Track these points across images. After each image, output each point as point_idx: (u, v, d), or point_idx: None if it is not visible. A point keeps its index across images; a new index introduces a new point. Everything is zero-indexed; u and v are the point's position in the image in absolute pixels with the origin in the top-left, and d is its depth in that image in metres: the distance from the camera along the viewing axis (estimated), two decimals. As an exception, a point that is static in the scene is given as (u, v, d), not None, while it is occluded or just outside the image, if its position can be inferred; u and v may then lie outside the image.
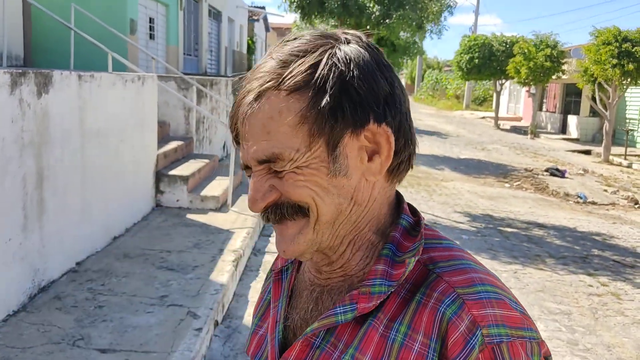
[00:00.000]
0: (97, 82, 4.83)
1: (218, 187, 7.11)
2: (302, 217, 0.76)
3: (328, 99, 0.72)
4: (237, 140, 0.79)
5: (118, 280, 4.35)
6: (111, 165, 5.28)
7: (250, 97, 0.74)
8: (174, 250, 5.16)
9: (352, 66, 0.74)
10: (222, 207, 6.74)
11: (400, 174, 0.81)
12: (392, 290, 0.75)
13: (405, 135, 0.78)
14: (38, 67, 8.61)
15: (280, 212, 0.76)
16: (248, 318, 4.32)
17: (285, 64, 0.74)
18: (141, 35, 12.70)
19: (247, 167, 0.79)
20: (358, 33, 0.80)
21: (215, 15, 19.85)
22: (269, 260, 5.68)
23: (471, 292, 0.72)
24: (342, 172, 0.75)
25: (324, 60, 0.74)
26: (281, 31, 41.70)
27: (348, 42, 0.77)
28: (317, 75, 0.73)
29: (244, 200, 7.26)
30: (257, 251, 5.92)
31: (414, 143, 0.80)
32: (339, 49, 0.75)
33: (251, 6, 27.99)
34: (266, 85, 0.73)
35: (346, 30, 0.81)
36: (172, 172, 6.80)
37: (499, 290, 0.74)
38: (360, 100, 0.74)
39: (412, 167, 0.82)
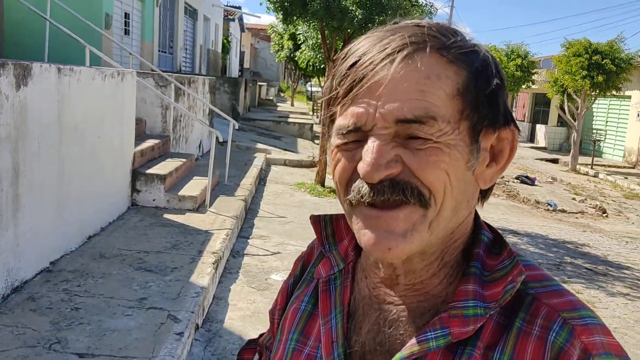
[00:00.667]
0: (77, 76, 4.69)
1: (196, 186, 7.00)
2: (419, 206, 0.65)
3: (494, 84, 0.67)
4: (340, 98, 0.67)
5: (95, 281, 4.22)
6: (88, 162, 5.14)
7: (405, 54, 0.64)
8: (152, 251, 5.04)
9: (499, 64, 0.70)
10: (200, 208, 6.63)
11: (488, 194, 0.74)
12: (491, 312, 0.67)
13: None
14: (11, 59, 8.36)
15: (399, 190, 0.64)
16: (229, 322, 4.24)
17: (442, 31, 0.67)
18: (116, 30, 12.47)
19: (353, 131, 0.66)
20: None
21: (191, 13, 19.63)
22: (248, 262, 5.60)
23: (576, 316, 0.66)
24: (473, 168, 0.67)
25: (483, 48, 0.69)
26: (256, 32, 41.53)
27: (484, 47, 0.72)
28: (480, 57, 0.68)
29: (222, 200, 7.16)
30: (236, 253, 5.84)
31: None
32: (481, 45, 0.70)
33: (227, 5, 27.79)
34: (430, 44, 0.65)
35: None
36: (149, 171, 6.66)
37: (596, 315, 0.68)
38: (506, 100, 0.70)
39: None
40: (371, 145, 0.64)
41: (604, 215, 11.32)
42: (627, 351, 0.63)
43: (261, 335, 1.06)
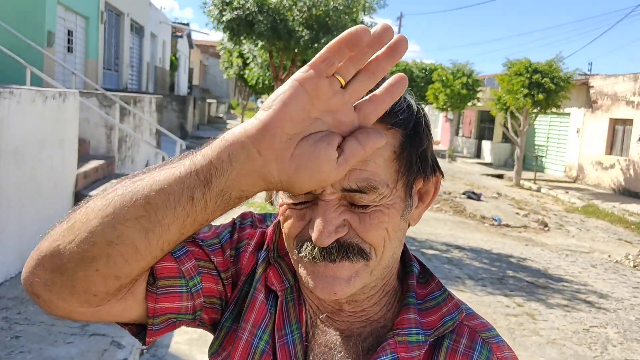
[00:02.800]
0: (17, 99, 4.59)
1: (141, 208, 6.89)
2: (361, 259, 0.72)
3: (421, 143, 0.73)
4: None
5: (35, 309, 4.10)
6: (27, 185, 5.01)
7: None
8: (95, 275, 4.94)
9: (427, 118, 0.75)
10: (145, 230, 6.53)
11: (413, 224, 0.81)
12: (430, 340, 0.76)
13: None
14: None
15: (344, 252, 0.70)
16: (175, 346, 4.19)
17: None
18: (59, 48, 12.22)
19: (304, 194, 0.70)
20: None
21: (138, 30, 19.42)
22: (195, 284, 5.55)
23: (491, 336, 0.79)
24: (406, 215, 0.74)
25: (415, 105, 0.73)
26: (205, 48, 41.34)
27: (410, 95, 0.76)
28: (414, 117, 0.72)
29: (168, 222, 7.07)
30: (183, 275, 5.78)
31: None
32: (413, 98, 0.75)
33: (175, 22, 27.60)
34: None
35: None
36: (93, 193, 6.51)
37: (499, 334, 0.82)
38: (432, 150, 0.77)
39: None
40: (321, 212, 0.69)
41: (546, 229, 11.73)
42: None
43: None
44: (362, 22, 9.41)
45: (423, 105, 0.77)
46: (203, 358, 4.03)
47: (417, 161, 0.73)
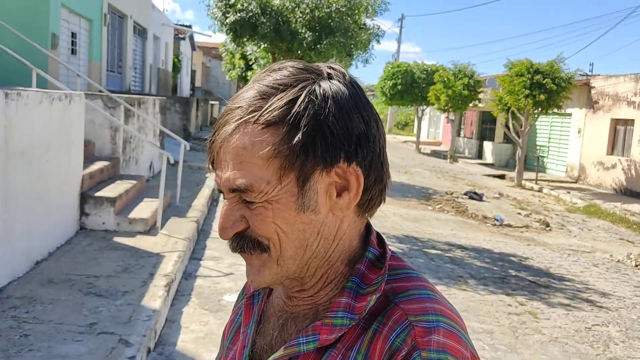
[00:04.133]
0: (24, 100, 4.65)
1: (146, 209, 6.96)
2: (261, 252, 0.79)
3: (300, 136, 0.74)
4: (212, 165, 0.80)
5: (43, 307, 4.16)
6: (34, 186, 5.07)
7: (229, 126, 0.76)
8: (102, 275, 5.00)
9: (329, 104, 0.75)
10: (151, 230, 6.60)
11: (372, 209, 0.84)
12: (354, 324, 0.78)
13: (377, 172, 0.80)
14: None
15: (241, 245, 0.79)
16: (182, 344, 4.25)
17: (265, 96, 0.76)
18: (63, 50, 12.29)
19: (221, 191, 0.80)
20: (342, 69, 0.81)
21: (140, 32, 19.50)
22: (200, 284, 5.60)
23: (423, 320, 0.75)
24: (310, 208, 0.77)
25: (302, 96, 0.75)
26: (207, 50, 41.41)
27: (330, 78, 0.78)
28: (293, 111, 0.74)
29: (173, 222, 7.13)
30: (188, 275, 5.83)
31: (386, 179, 0.82)
32: (319, 85, 0.76)
33: (177, 24, 27.68)
34: (245, 118, 0.75)
35: (332, 65, 0.82)
36: (98, 194, 6.59)
37: (453, 323, 0.76)
38: (332, 139, 0.75)
39: (384, 201, 0.84)
40: (223, 209, 0.80)
41: (548, 229, 11.76)
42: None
43: None
44: (364, 24, 9.46)
45: (329, 95, 0.76)
46: (209, 356, 4.09)
47: (299, 154, 0.75)
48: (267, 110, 0.74)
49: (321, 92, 0.76)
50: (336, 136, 0.75)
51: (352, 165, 0.77)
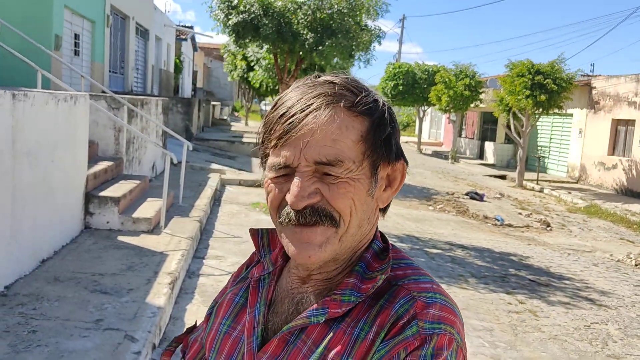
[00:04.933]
0: (31, 101, 4.72)
1: (150, 208, 7.03)
2: (332, 226, 0.86)
3: (387, 130, 0.89)
4: (273, 141, 0.87)
5: (50, 304, 4.23)
6: (40, 186, 5.14)
7: (322, 108, 0.85)
8: (107, 273, 5.07)
9: (393, 112, 0.92)
10: (154, 229, 6.67)
11: (386, 210, 0.96)
12: (360, 301, 0.88)
13: None
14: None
15: (317, 215, 0.85)
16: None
17: (351, 91, 0.88)
18: (66, 51, 12.37)
19: (283, 167, 0.86)
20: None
21: (143, 33, 19.58)
22: (203, 282, 5.67)
23: (423, 295, 0.86)
24: (372, 194, 0.89)
25: (380, 99, 0.90)
26: (209, 51, 41.53)
27: (380, 95, 0.93)
28: (379, 108, 0.89)
29: (176, 222, 7.21)
30: (192, 274, 5.90)
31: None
32: (380, 97, 0.91)
33: (179, 25, 27.77)
34: (337, 104, 0.85)
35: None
36: (103, 193, 6.67)
37: (448, 300, 0.87)
38: (398, 139, 0.92)
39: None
40: (297, 181, 0.84)
41: (548, 228, 11.82)
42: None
43: (191, 328, 1.18)
44: (365, 26, 9.53)
45: (389, 104, 0.92)
46: (213, 352, 4.16)
47: (381, 146, 0.88)
48: (362, 102, 0.87)
49: (386, 101, 0.92)
50: (399, 138, 0.93)
51: (404, 166, 0.94)
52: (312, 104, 0.86)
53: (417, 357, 0.80)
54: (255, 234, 1.06)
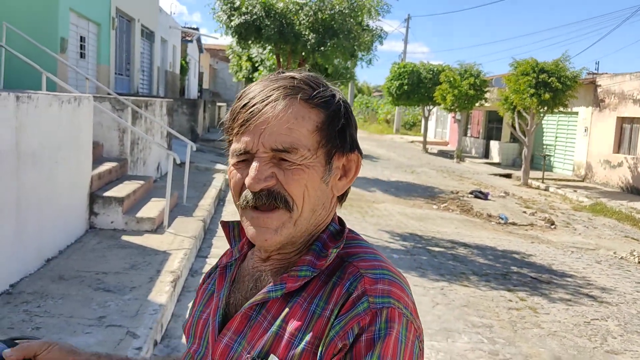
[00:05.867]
0: (35, 103, 4.81)
1: (154, 208, 7.12)
2: (286, 210, 0.93)
3: (340, 123, 0.96)
4: (236, 129, 0.94)
5: (54, 302, 4.32)
6: (45, 186, 5.24)
7: (281, 99, 0.92)
8: (110, 272, 5.15)
9: (349, 106, 1.00)
10: (158, 229, 6.75)
11: (344, 198, 1.05)
12: (315, 275, 0.95)
13: None
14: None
15: (273, 198, 0.92)
16: (187, 337, 4.38)
17: (309, 84, 0.96)
18: (71, 54, 12.49)
19: (244, 153, 0.93)
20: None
21: (148, 35, 19.71)
22: (206, 280, 5.74)
23: (371, 272, 0.93)
24: (327, 181, 0.97)
25: (338, 94, 0.99)
26: (215, 52, 41.66)
27: (339, 91, 1.01)
28: (335, 102, 0.97)
29: (180, 221, 7.29)
30: (194, 272, 5.98)
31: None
32: (339, 92, 1.00)
33: (184, 27, 27.91)
34: (295, 95, 0.93)
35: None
36: (107, 194, 6.75)
37: (395, 276, 0.94)
38: (353, 132, 1.00)
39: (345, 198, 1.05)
40: (254, 164, 0.92)
41: (552, 227, 11.82)
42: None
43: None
44: (367, 26, 9.58)
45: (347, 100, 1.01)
46: (214, 349, 4.22)
47: (335, 137, 0.96)
48: (317, 96, 0.95)
49: (343, 97, 1.00)
50: (354, 130, 1.00)
51: (359, 157, 1.02)
52: (271, 95, 0.93)
53: (371, 333, 0.86)
54: (227, 225, 1.13)
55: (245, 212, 0.96)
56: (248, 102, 0.95)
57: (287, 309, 0.94)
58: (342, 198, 1.03)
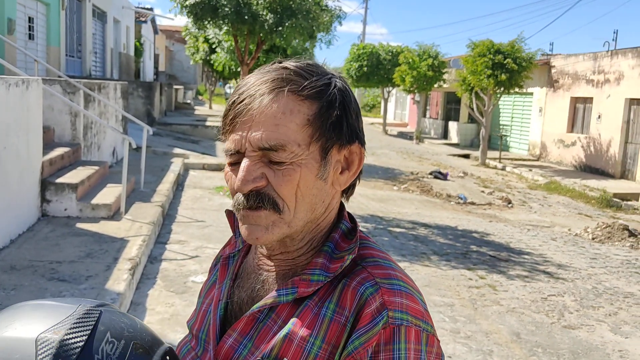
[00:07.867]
0: (-22, 86, 4.57)
1: (110, 194, 6.92)
2: (274, 212, 0.87)
3: (334, 114, 0.88)
4: (226, 127, 0.89)
5: (6, 294, 4.15)
6: (-7, 173, 5.01)
7: (267, 94, 0.86)
8: (65, 261, 4.99)
9: (349, 95, 0.92)
10: (114, 215, 6.57)
11: (350, 192, 0.98)
12: (328, 280, 0.90)
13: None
14: None
15: (260, 200, 0.86)
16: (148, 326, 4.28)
17: (301, 75, 0.88)
18: (19, 35, 11.99)
19: (236, 153, 0.88)
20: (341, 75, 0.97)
21: (100, 15, 19.10)
22: (166, 267, 5.63)
23: (387, 282, 0.88)
24: (324, 177, 0.89)
25: (333, 83, 0.90)
26: (171, 33, 40.77)
27: (340, 78, 0.93)
28: (329, 92, 0.89)
29: (138, 207, 7.11)
30: (154, 259, 5.85)
31: (361, 172, 0.97)
32: (338, 80, 0.92)
33: (138, 7, 27.16)
34: (284, 88, 0.86)
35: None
36: (59, 180, 6.52)
37: (410, 287, 0.89)
38: (353, 122, 0.91)
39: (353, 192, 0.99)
40: (243, 165, 0.86)
41: (510, 205, 12.06)
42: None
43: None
44: (325, 6, 9.48)
45: (347, 89, 0.92)
46: (175, 336, 4.14)
47: (330, 129, 0.88)
48: (308, 86, 0.87)
49: (342, 85, 0.91)
50: (354, 121, 0.92)
51: (361, 149, 0.93)
52: (259, 89, 0.87)
53: (390, 352, 0.83)
54: (231, 214, 1.06)
55: (238, 213, 0.91)
56: (238, 98, 0.88)
57: (297, 313, 0.89)
58: (347, 192, 0.97)
